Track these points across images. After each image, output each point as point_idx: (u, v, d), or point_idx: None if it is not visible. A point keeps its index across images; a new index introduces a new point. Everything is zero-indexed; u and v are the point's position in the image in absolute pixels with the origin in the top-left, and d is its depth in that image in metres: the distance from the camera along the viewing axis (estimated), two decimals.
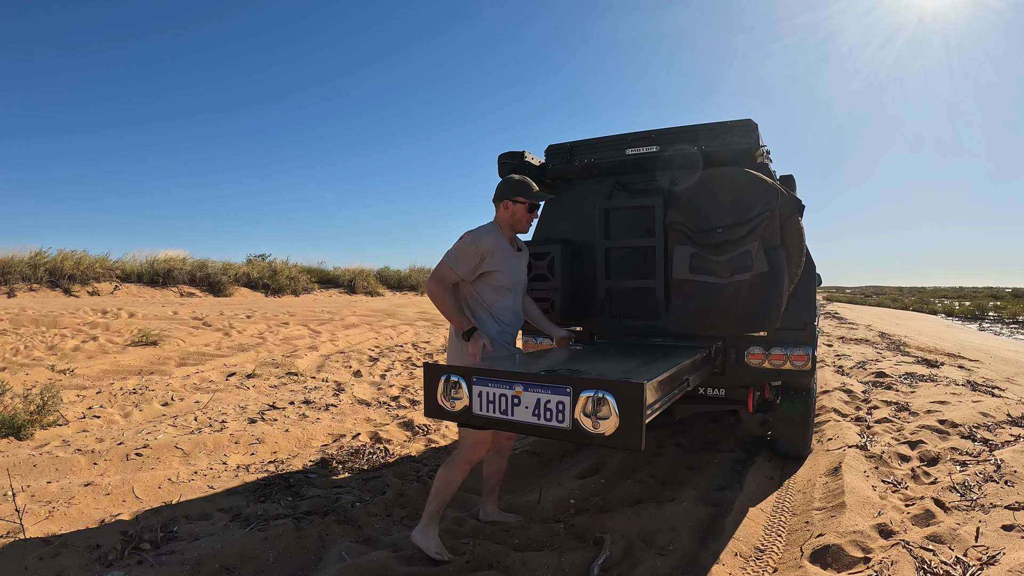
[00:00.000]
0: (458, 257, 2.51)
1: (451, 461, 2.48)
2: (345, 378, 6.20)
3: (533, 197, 2.61)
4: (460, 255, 2.51)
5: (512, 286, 2.63)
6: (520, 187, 2.60)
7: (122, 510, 2.79)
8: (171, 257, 14.88)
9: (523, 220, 2.63)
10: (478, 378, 1.96)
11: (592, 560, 2.36)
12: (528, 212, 2.63)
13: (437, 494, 2.43)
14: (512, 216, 2.62)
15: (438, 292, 2.50)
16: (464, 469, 2.45)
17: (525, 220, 2.63)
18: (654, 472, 3.50)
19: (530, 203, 2.61)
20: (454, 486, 2.45)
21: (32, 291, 11.51)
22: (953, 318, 24.01)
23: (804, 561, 2.38)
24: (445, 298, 2.50)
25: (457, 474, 2.44)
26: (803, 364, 3.14)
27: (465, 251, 2.50)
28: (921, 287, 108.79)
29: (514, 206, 2.60)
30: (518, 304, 2.71)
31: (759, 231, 2.96)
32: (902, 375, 6.44)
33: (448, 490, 2.44)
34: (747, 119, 3.25)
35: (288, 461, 3.60)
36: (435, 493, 2.44)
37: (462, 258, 2.51)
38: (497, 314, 2.61)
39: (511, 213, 2.61)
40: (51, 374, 5.50)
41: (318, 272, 18.74)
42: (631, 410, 1.69)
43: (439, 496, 2.43)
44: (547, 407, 1.83)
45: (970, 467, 3.27)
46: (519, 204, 2.60)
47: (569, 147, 3.78)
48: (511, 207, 2.61)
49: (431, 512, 2.42)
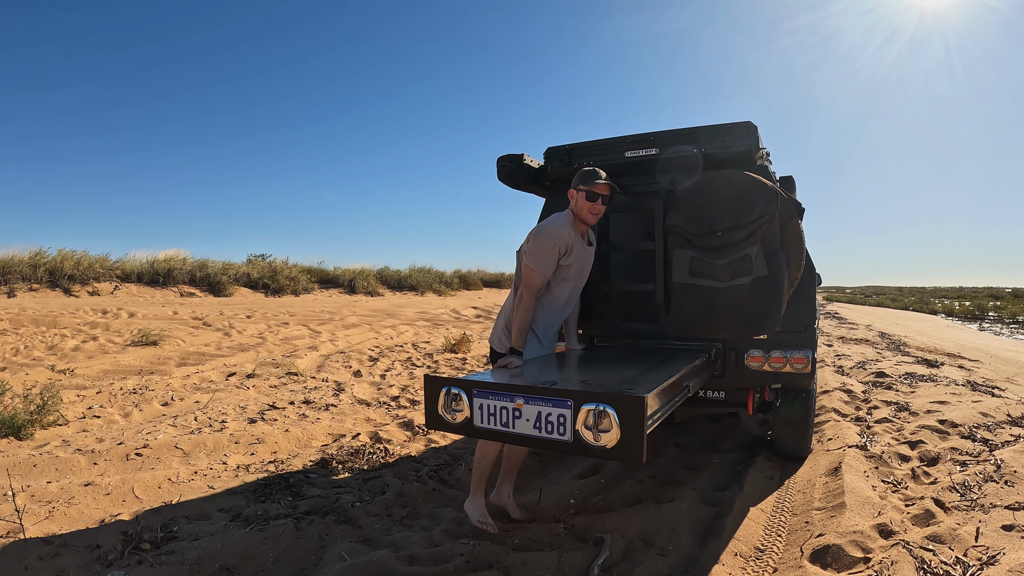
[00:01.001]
0: (541, 257, 2.48)
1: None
2: (345, 378, 6.20)
3: (591, 184, 2.53)
4: (544, 255, 2.48)
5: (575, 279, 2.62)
6: (583, 175, 2.57)
7: (122, 510, 2.79)
8: (171, 257, 14.87)
9: (584, 210, 2.57)
10: (479, 391, 1.96)
11: (592, 560, 2.36)
12: (588, 201, 2.55)
13: (476, 466, 2.61)
14: (575, 204, 2.59)
15: (528, 300, 2.50)
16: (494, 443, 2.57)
17: (587, 209, 2.57)
18: (654, 472, 3.50)
19: (588, 191, 2.54)
20: (489, 457, 2.58)
21: (32, 291, 11.51)
22: (953, 318, 24.01)
23: (804, 561, 2.39)
24: (526, 312, 2.49)
25: (489, 447, 2.59)
26: (803, 367, 3.14)
27: (548, 250, 2.48)
28: (921, 287, 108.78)
29: (578, 194, 2.57)
30: (575, 297, 2.70)
31: (759, 234, 2.96)
32: (902, 375, 6.44)
33: (484, 461, 2.58)
34: (746, 121, 3.26)
35: (288, 461, 3.60)
36: (475, 465, 2.62)
37: (546, 257, 2.48)
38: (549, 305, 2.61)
39: (575, 202, 2.59)
40: (51, 374, 5.50)
41: (318, 272, 18.72)
42: (632, 423, 1.69)
43: (477, 467, 2.60)
44: (548, 420, 1.83)
45: (970, 467, 3.27)
46: (581, 192, 2.55)
47: (568, 149, 3.78)
48: (575, 196, 2.58)
49: (473, 482, 2.63)
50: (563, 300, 2.65)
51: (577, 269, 2.60)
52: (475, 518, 2.56)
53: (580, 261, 2.60)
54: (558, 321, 2.70)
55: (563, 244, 2.49)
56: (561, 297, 2.63)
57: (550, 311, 2.64)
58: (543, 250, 2.48)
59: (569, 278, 2.60)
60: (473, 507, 2.61)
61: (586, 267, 2.68)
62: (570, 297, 2.68)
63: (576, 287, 2.67)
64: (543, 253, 2.48)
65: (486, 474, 2.60)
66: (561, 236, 2.50)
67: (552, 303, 2.63)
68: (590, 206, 2.56)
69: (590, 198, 2.55)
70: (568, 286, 2.63)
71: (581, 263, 2.61)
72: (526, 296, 2.50)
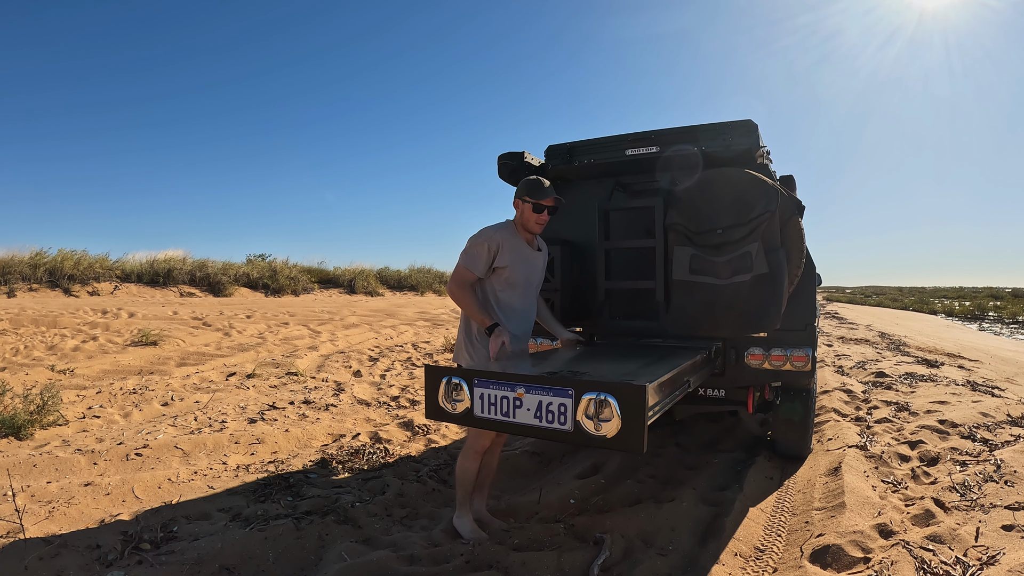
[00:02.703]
0: (473, 256, 2.57)
1: (463, 452, 2.65)
2: (345, 378, 6.20)
3: (538, 197, 2.61)
4: (473, 252, 2.58)
5: (521, 284, 2.66)
6: (529, 187, 2.63)
7: (122, 510, 2.79)
8: (171, 257, 14.87)
9: (531, 220, 2.65)
10: (479, 380, 1.96)
11: (592, 560, 2.36)
12: (534, 212, 2.63)
13: (459, 483, 2.63)
14: (522, 215, 2.67)
15: (458, 291, 2.57)
16: (473, 458, 2.60)
17: (533, 220, 2.65)
18: (654, 472, 3.50)
19: (535, 203, 2.62)
20: (470, 474, 2.61)
21: (32, 291, 11.50)
22: (953, 318, 24.01)
23: (804, 561, 2.38)
24: (466, 296, 2.56)
25: (470, 463, 2.61)
26: (803, 365, 3.14)
27: (478, 249, 2.57)
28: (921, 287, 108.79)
29: (523, 205, 2.64)
30: (529, 303, 2.74)
31: (759, 232, 2.96)
32: (902, 375, 6.44)
33: (466, 478, 2.61)
34: (747, 119, 3.26)
35: (288, 461, 3.60)
36: (457, 483, 2.64)
37: (475, 255, 2.57)
38: (502, 310, 2.64)
39: (520, 212, 2.67)
40: (51, 374, 5.50)
41: (318, 272, 18.72)
42: (633, 412, 1.69)
43: (460, 484, 2.63)
44: (549, 409, 1.83)
45: (970, 467, 3.27)
46: (526, 204, 2.63)
47: (569, 147, 3.78)
48: (521, 206, 2.66)
49: (458, 499, 2.65)
50: (517, 308, 2.67)
51: (522, 275, 2.64)
52: (467, 533, 2.59)
53: (523, 267, 2.64)
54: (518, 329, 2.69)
55: (493, 243, 2.56)
56: (513, 305, 2.65)
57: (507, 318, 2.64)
58: (472, 248, 2.58)
59: (515, 284, 2.63)
60: (463, 523, 2.63)
61: (533, 273, 2.72)
62: (523, 305, 2.70)
63: (527, 294, 2.70)
64: (472, 250, 2.58)
65: (469, 490, 2.63)
66: (492, 236, 2.57)
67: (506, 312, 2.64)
68: (536, 217, 2.64)
69: (536, 210, 2.62)
70: (516, 294, 2.65)
71: (524, 269, 2.65)
72: (457, 288, 2.57)
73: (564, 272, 3.55)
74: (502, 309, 2.64)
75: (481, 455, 2.63)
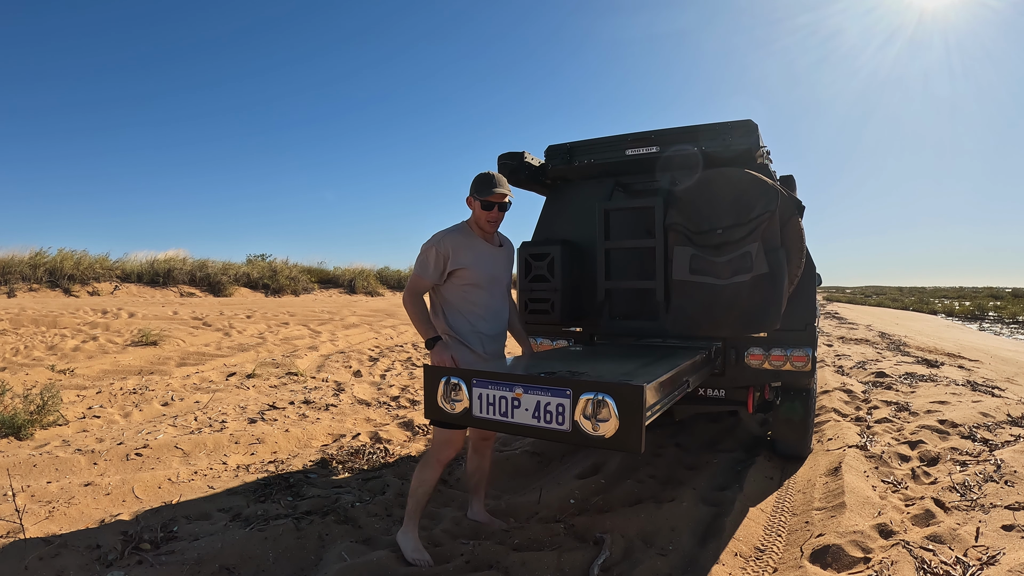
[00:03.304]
0: (423, 263, 2.49)
1: (423, 461, 2.50)
2: (345, 378, 6.20)
3: (485, 195, 2.49)
4: (422, 259, 2.49)
5: (485, 284, 2.55)
6: (477, 184, 2.52)
7: (122, 510, 2.79)
8: (171, 257, 14.88)
9: (481, 218, 2.54)
10: (478, 380, 1.96)
11: (592, 560, 2.36)
12: (484, 210, 2.51)
13: (412, 493, 2.47)
14: (474, 214, 2.56)
15: (408, 300, 2.48)
16: (435, 468, 2.46)
17: (485, 218, 2.53)
18: (654, 472, 3.50)
19: (482, 201, 2.49)
20: (427, 485, 2.46)
21: (32, 291, 11.50)
22: (953, 318, 24.01)
23: (804, 561, 2.38)
24: (414, 305, 2.46)
25: (428, 473, 2.46)
26: (803, 365, 3.14)
27: (427, 254, 2.48)
28: (921, 287, 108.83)
29: (474, 203, 2.53)
30: (496, 303, 2.62)
31: (759, 232, 2.96)
32: (902, 375, 6.44)
33: (421, 489, 2.45)
34: (747, 119, 3.26)
35: (288, 461, 3.60)
36: (411, 493, 2.47)
37: (426, 262, 2.48)
38: (467, 313, 2.54)
39: (473, 211, 2.56)
40: (51, 374, 5.50)
41: (318, 272, 18.73)
42: (631, 412, 1.69)
43: (413, 495, 2.46)
44: (547, 409, 1.83)
45: (970, 467, 3.27)
46: (476, 201, 2.52)
47: (569, 147, 3.78)
48: (472, 204, 2.55)
49: (408, 512, 2.47)
50: (487, 307, 2.57)
51: (485, 273, 2.54)
52: (408, 552, 2.38)
53: (483, 267, 2.53)
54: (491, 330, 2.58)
55: (443, 247, 2.46)
56: (482, 305, 2.55)
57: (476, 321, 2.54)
58: (422, 254, 2.50)
59: (479, 284, 2.53)
60: (407, 539, 2.42)
61: (498, 271, 2.61)
62: (493, 304, 2.60)
63: (494, 293, 2.60)
64: (422, 257, 2.50)
65: (422, 504, 2.47)
66: (441, 240, 2.48)
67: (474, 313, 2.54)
68: (487, 214, 2.53)
69: (485, 207, 2.51)
70: (482, 293, 2.55)
71: (487, 267, 2.55)
72: (408, 296, 2.48)
73: (564, 272, 3.55)
74: (473, 311, 2.54)
75: (444, 465, 2.48)
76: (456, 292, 2.53)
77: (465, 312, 2.54)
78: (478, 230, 2.59)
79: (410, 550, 2.39)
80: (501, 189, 2.50)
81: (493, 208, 2.52)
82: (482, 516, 2.79)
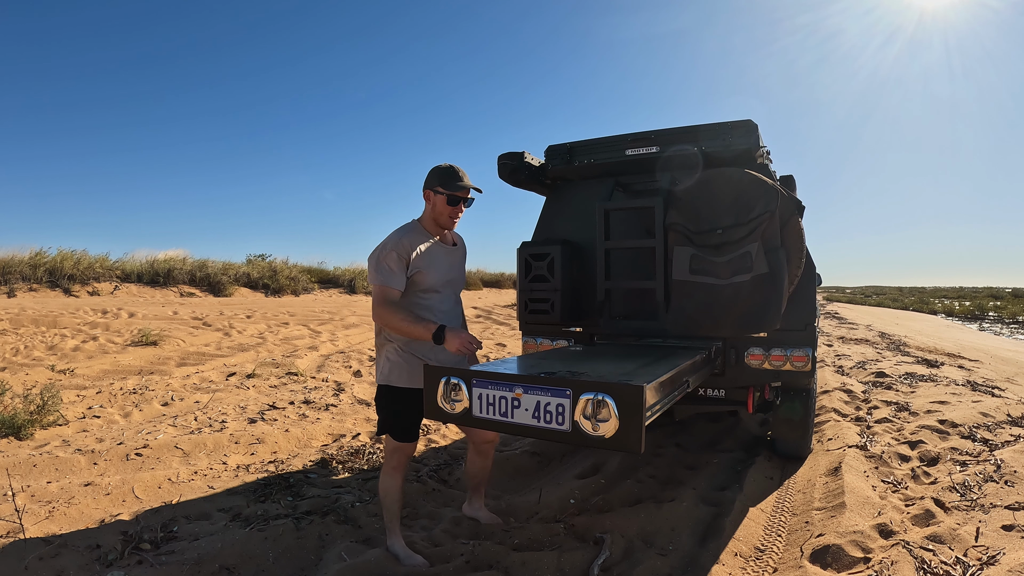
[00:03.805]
0: (385, 271, 2.27)
1: (383, 471, 2.45)
2: (345, 378, 6.20)
3: (452, 188, 2.32)
4: (385, 267, 2.27)
5: (440, 287, 2.39)
6: (441, 176, 2.34)
7: (122, 510, 2.79)
8: (171, 257, 14.87)
9: (444, 214, 2.36)
10: (478, 380, 1.96)
11: (592, 560, 2.36)
12: (449, 205, 2.34)
13: (382, 504, 2.45)
14: (433, 208, 2.37)
15: (385, 313, 2.24)
16: (393, 476, 2.40)
17: (446, 214, 2.36)
18: (654, 472, 3.50)
19: (449, 195, 2.33)
20: (393, 492, 2.41)
21: (32, 291, 11.50)
22: (953, 318, 24.01)
23: (804, 561, 2.38)
24: (394, 314, 2.23)
25: (389, 481, 2.41)
26: (803, 365, 3.14)
27: (387, 261, 2.27)
28: (921, 287, 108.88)
29: (435, 197, 2.35)
30: (453, 305, 2.47)
31: (759, 232, 2.96)
32: (902, 375, 6.44)
33: (389, 497, 2.41)
34: (747, 119, 3.26)
35: (288, 461, 3.60)
36: (384, 507, 2.44)
37: (388, 269, 2.26)
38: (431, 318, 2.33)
39: (432, 205, 2.37)
40: (51, 374, 5.50)
41: (318, 272, 18.73)
42: (631, 412, 1.69)
43: (383, 506, 2.44)
44: (547, 409, 1.83)
45: (970, 467, 3.27)
46: (440, 195, 2.34)
47: (569, 147, 3.78)
48: (432, 198, 2.36)
49: (386, 523, 2.45)
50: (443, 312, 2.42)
51: (441, 276, 2.38)
52: (404, 558, 2.35)
53: (439, 270, 2.37)
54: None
55: (402, 249, 2.28)
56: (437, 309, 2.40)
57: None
58: (381, 262, 2.28)
59: (434, 287, 2.36)
60: (395, 547, 2.39)
61: (453, 273, 2.47)
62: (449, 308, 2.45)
63: (447, 296, 2.45)
64: (382, 264, 2.27)
65: (395, 512, 2.41)
66: (399, 243, 2.29)
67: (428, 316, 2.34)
68: (451, 210, 2.36)
69: (451, 202, 2.34)
70: (438, 297, 2.39)
71: (442, 269, 2.39)
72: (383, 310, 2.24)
73: (564, 272, 3.55)
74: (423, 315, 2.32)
75: (401, 471, 2.40)
76: (409, 299, 2.34)
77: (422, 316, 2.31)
78: (433, 227, 2.41)
79: (404, 555, 2.38)
80: (470, 183, 2.37)
81: (459, 203, 2.37)
82: (481, 513, 2.77)
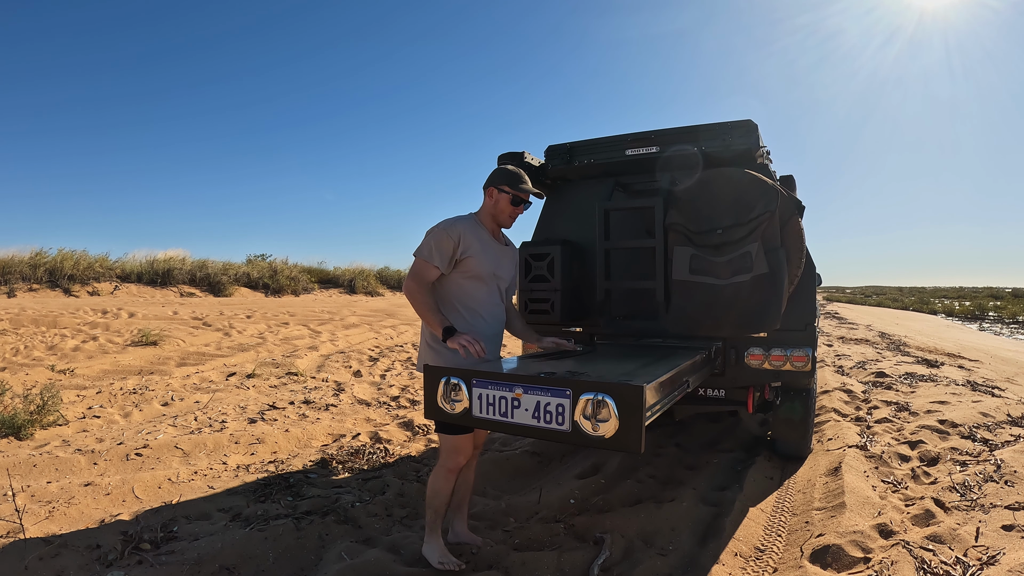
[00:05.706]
0: (432, 247, 2.34)
1: (435, 471, 2.41)
2: (345, 378, 6.20)
3: (518, 190, 2.44)
4: (434, 245, 2.34)
5: (487, 278, 2.43)
6: (508, 176, 2.46)
7: (122, 510, 2.79)
8: (171, 257, 14.87)
9: (505, 212, 2.47)
10: (478, 380, 1.96)
11: (592, 560, 2.36)
12: (512, 205, 2.46)
13: (428, 504, 2.40)
14: (495, 205, 2.47)
15: (416, 290, 2.31)
16: (447, 477, 2.37)
17: (507, 213, 2.47)
18: (654, 472, 3.50)
19: (514, 195, 2.44)
20: (442, 495, 2.38)
21: (32, 291, 11.50)
22: (953, 318, 24.01)
23: (804, 561, 2.38)
24: (423, 294, 2.30)
25: (441, 483, 2.38)
26: (803, 365, 3.14)
27: (438, 239, 2.34)
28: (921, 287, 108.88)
29: (499, 195, 2.46)
30: (495, 300, 2.50)
31: (759, 232, 2.96)
32: (902, 375, 6.44)
33: (437, 499, 2.38)
34: (747, 120, 3.26)
35: (288, 461, 3.60)
36: (427, 504, 2.41)
37: (436, 247, 2.33)
38: (465, 309, 2.40)
39: (495, 202, 2.47)
40: (51, 374, 5.50)
41: (318, 272, 18.73)
42: (631, 412, 1.69)
43: (430, 506, 2.40)
44: (547, 409, 1.83)
45: (970, 467, 3.27)
46: (504, 194, 2.45)
47: (569, 147, 3.79)
48: (496, 195, 2.47)
49: (427, 522, 2.41)
50: (483, 304, 2.44)
51: (488, 267, 2.42)
52: (436, 560, 2.34)
53: (488, 260, 2.42)
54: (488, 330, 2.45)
55: (454, 233, 2.34)
56: (479, 299, 2.43)
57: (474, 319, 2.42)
58: (433, 239, 2.35)
59: (480, 276, 2.40)
60: (432, 549, 2.38)
61: (502, 268, 2.50)
62: (491, 302, 2.48)
63: (493, 290, 2.48)
64: (433, 242, 2.35)
65: (441, 513, 2.39)
66: (454, 226, 2.36)
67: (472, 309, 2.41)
68: (513, 210, 2.47)
69: (515, 202, 2.46)
70: (482, 287, 2.43)
71: (490, 262, 2.43)
72: (416, 284, 2.32)
73: (564, 272, 3.55)
74: (471, 307, 2.40)
75: (456, 473, 2.38)
76: (455, 285, 2.40)
77: (462, 308, 2.40)
78: (490, 223, 2.51)
79: (437, 558, 2.34)
80: (532, 188, 2.49)
81: (521, 204, 2.48)
82: (464, 535, 2.62)
